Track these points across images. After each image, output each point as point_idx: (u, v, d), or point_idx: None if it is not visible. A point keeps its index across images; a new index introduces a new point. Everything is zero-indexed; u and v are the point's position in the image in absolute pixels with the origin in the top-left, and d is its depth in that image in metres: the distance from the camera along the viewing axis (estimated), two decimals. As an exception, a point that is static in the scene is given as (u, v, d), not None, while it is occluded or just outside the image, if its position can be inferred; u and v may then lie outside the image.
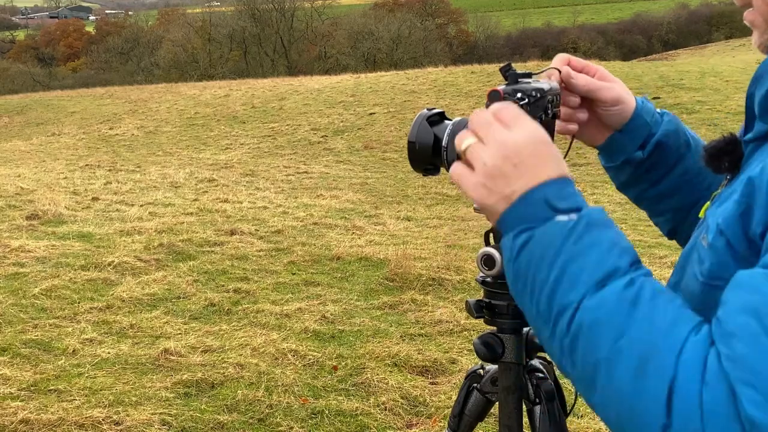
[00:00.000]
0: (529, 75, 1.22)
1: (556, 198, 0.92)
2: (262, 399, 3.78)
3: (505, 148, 0.93)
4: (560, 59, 1.25)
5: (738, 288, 0.81)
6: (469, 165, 0.96)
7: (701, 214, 1.07)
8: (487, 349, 1.34)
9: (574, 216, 0.90)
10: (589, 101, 1.26)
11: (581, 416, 3.58)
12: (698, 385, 0.78)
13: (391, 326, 4.84)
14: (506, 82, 1.21)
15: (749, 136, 0.97)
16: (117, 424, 3.50)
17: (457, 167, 0.97)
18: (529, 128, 0.95)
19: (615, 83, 1.23)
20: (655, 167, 1.28)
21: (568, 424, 1.41)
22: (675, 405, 0.78)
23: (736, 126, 1.15)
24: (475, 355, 1.35)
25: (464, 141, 0.96)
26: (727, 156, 0.99)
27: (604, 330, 0.84)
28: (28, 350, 4.40)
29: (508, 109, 0.96)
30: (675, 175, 1.27)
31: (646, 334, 0.82)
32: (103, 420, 3.51)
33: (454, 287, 5.60)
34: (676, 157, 1.26)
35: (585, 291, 0.86)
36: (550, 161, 0.94)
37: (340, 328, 4.82)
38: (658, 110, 1.27)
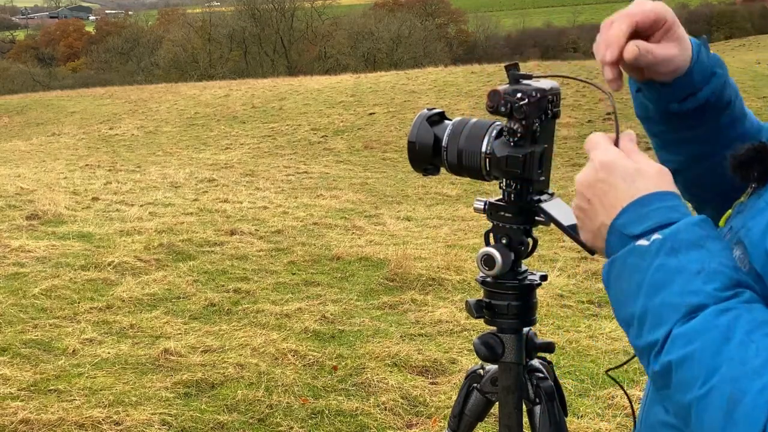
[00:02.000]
0: (529, 77, 1.22)
1: (631, 223, 0.90)
2: (262, 399, 3.78)
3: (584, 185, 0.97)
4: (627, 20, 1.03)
5: None
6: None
7: (722, 223, 1.02)
8: (487, 349, 1.34)
9: (656, 236, 0.87)
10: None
11: (581, 416, 3.58)
12: None
13: (391, 326, 4.84)
14: (507, 82, 1.21)
15: None
16: (117, 424, 3.50)
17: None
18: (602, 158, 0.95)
19: (675, 54, 1.05)
20: (686, 119, 1.14)
21: (568, 424, 1.41)
22: None
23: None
24: (475, 355, 1.35)
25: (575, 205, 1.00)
26: (758, 165, 0.94)
27: (694, 368, 0.80)
28: (28, 350, 4.40)
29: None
30: (703, 129, 1.14)
31: (736, 376, 0.77)
32: (103, 420, 3.51)
33: (454, 287, 5.60)
34: (713, 115, 1.13)
35: (671, 326, 0.83)
36: (621, 188, 0.92)
37: (340, 328, 4.82)
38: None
